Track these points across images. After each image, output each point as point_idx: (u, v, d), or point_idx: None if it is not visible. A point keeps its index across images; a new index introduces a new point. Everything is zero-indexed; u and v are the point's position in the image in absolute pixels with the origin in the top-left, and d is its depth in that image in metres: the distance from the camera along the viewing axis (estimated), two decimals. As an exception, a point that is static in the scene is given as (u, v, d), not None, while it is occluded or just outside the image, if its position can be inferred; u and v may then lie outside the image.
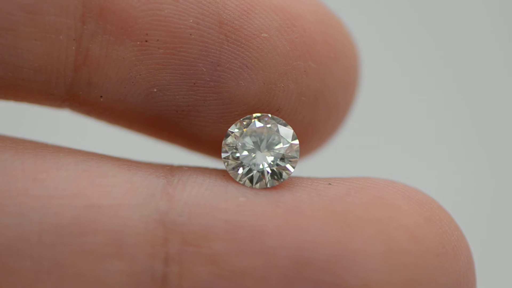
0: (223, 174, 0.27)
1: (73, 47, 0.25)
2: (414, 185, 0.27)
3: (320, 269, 0.24)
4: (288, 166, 0.27)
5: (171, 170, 0.27)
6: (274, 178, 0.27)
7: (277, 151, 0.27)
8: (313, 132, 0.28)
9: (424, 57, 0.72)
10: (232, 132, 0.27)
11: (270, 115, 0.27)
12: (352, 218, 0.25)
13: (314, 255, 0.24)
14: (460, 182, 0.68)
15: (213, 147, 0.28)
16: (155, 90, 0.26)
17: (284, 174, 0.27)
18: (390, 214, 0.25)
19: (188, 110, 0.27)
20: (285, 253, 0.24)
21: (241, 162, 0.27)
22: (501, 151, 0.69)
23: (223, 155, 0.27)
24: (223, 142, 0.27)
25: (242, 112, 0.27)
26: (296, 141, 0.27)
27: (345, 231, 0.25)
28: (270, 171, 0.27)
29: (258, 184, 0.27)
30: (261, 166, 0.27)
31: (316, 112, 0.27)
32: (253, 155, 0.27)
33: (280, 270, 0.24)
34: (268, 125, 0.27)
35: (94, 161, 0.26)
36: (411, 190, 0.27)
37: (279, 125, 0.27)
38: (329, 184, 0.27)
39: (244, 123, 0.27)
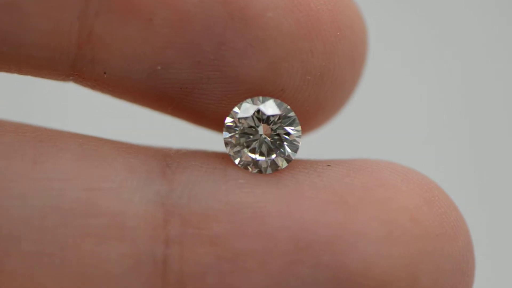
0: (222, 157, 0.27)
1: (77, 25, 0.25)
2: (413, 166, 0.27)
3: (321, 251, 0.24)
4: (290, 153, 0.27)
5: (170, 153, 0.27)
6: (274, 166, 0.27)
7: (279, 136, 0.27)
8: (318, 109, 0.28)
9: (433, 37, 0.72)
10: (235, 114, 0.27)
11: (274, 99, 0.27)
12: (352, 199, 0.25)
13: (315, 237, 0.24)
14: (459, 166, 0.68)
15: (217, 123, 0.28)
16: (159, 67, 0.26)
17: (284, 162, 0.27)
18: (390, 195, 0.25)
19: (192, 87, 0.27)
20: (285, 234, 0.25)
21: (242, 145, 0.27)
22: (500, 138, 0.69)
23: (224, 136, 0.27)
24: (224, 123, 0.27)
25: (246, 91, 0.27)
26: (299, 127, 0.27)
27: (345, 213, 0.25)
28: (270, 159, 0.27)
29: (257, 170, 0.27)
30: (262, 150, 0.27)
31: (322, 90, 0.27)
32: (255, 138, 0.27)
33: (280, 251, 0.24)
34: (271, 109, 0.27)
35: (93, 144, 0.26)
36: (410, 171, 0.27)
37: (281, 109, 0.27)
38: (329, 165, 0.27)
39: (247, 105, 0.27)
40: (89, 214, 0.24)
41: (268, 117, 0.27)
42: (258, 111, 0.27)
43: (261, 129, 0.27)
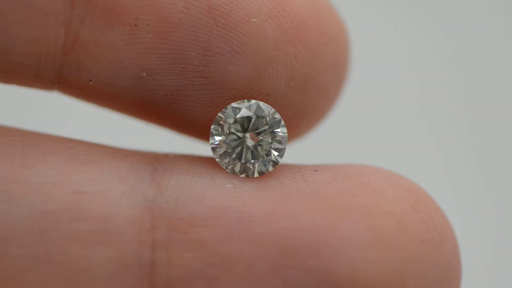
0: (209, 161, 0.27)
1: (62, 31, 0.25)
2: (400, 172, 0.27)
3: (308, 256, 0.24)
4: (276, 156, 0.27)
5: (157, 157, 0.27)
6: (261, 168, 0.27)
7: (265, 139, 0.27)
8: (302, 116, 0.28)
9: (418, 43, 0.72)
10: (220, 118, 0.27)
11: (259, 102, 0.27)
12: (339, 204, 0.25)
13: (301, 242, 0.25)
14: (448, 172, 0.68)
15: (202, 130, 0.28)
16: (144, 74, 0.26)
17: (271, 164, 0.27)
18: (376, 200, 0.25)
19: (177, 94, 0.27)
20: (272, 239, 0.25)
21: (229, 149, 0.27)
22: (493, 142, 0.69)
23: (211, 141, 0.27)
24: (211, 128, 0.27)
25: (231, 97, 0.27)
26: (285, 130, 0.27)
27: (332, 218, 0.25)
28: (257, 161, 0.27)
29: (244, 174, 0.27)
30: (248, 154, 0.27)
31: (305, 97, 0.27)
32: (241, 142, 0.27)
33: (267, 256, 0.24)
34: (256, 112, 0.27)
35: (81, 148, 0.26)
36: (397, 176, 0.27)
37: (267, 112, 0.27)
38: (316, 170, 0.27)
39: (232, 109, 0.27)
40: (76, 218, 0.24)
41: (254, 119, 0.27)
42: (244, 114, 0.27)
43: (247, 133, 0.27)
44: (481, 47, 0.72)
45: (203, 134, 0.28)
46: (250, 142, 0.27)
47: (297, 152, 0.31)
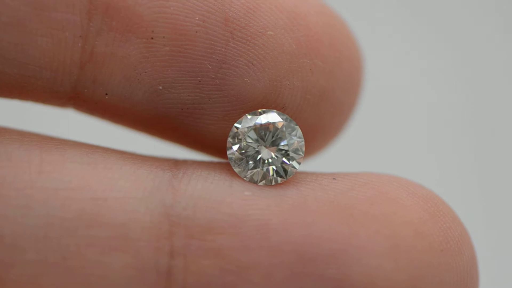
0: (228, 168, 0.27)
1: (79, 44, 0.26)
2: (417, 181, 0.27)
3: (325, 264, 0.24)
4: (294, 163, 0.27)
5: (176, 163, 0.27)
6: (279, 176, 0.27)
7: (283, 147, 0.27)
8: (317, 131, 0.28)
9: (426, 56, 0.72)
10: (238, 128, 0.27)
11: (275, 111, 0.27)
12: (357, 213, 0.25)
13: (319, 250, 0.24)
14: (463, 179, 0.68)
15: (218, 146, 0.28)
16: (161, 87, 0.26)
17: (289, 171, 0.27)
18: (394, 209, 0.25)
19: (193, 107, 0.27)
20: (290, 247, 0.25)
21: (246, 158, 0.27)
22: (505, 149, 0.69)
23: (228, 151, 0.27)
24: (228, 138, 0.27)
25: (247, 109, 0.27)
26: (301, 138, 0.27)
27: (350, 226, 0.25)
28: (275, 168, 0.27)
29: (263, 182, 0.27)
30: (266, 163, 0.27)
31: (320, 111, 0.27)
32: (258, 151, 0.27)
33: (285, 264, 0.24)
34: (274, 121, 0.27)
35: (99, 154, 0.26)
36: (415, 185, 0.27)
37: (285, 122, 0.27)
38: (334, 179, 0.27)
39: (250, 118, 0.27)
40: (94, 224, 0.24)
41: (271, 128, 0.27)
42: (260, 123, 0.27)
43: (264, 141, 0.27)
44: (495, 58, 0.72)
45: (219, 150, 0.28)
46: (267, 151, 0.27)
47: (315, 160, 0.31)
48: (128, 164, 0.26)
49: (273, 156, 0.27)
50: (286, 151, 0.27)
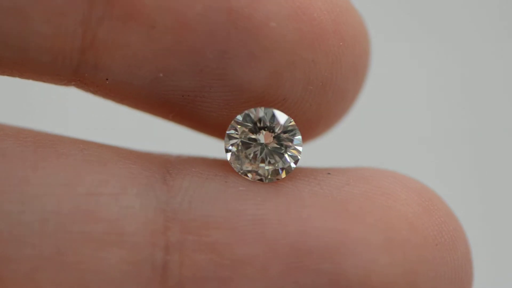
0: (222, 164, 0.27)
1: (80, 31, 0.25)
2: (413, 175, 0.27)
3: (320, 258, 0.24)
4: (290, 162, 0.27)
5: (170, 159, 0.27)
6: (275, 174, 0.27)
7: (279, 146, 0.27)
8: (319, 119, 0.28)
9: (434, 46, 0.72)
10: (235, 123, 0.27)
11: (274, 109, 0.27)
12: (352, 207, 0.25)
13: (315, 244, 0.25)
14: (460, 174, 0.68)
15: (219, 130, 0.28)
16: (161, 75, 0.26)
17: (285, 170, 0.27)
18: (389, 203, 0.25)
19: (194, 95, 0.27)
20: (285, 241, 0.25)
21: (243, 154, 0.27)
22: (503, 145, 0.69)
23: (226, 144, 0.27)
24: (226, 133, 0.27)
25: (248, 99, 0.27)
26: (299, 138, 0.27)
27: (345, 220, 0.25)
28: (270, 166, 0.27)
29: (257, 178, 0.27)
30: (262, 159, 0.27)
31: (323, 100, 0.27)
32: (255, 147, 0.27)
33: (280, 258, 0.25)
34: (272, 119, 0.27)
35: (94, 150, 0.26)
36: (409, 180, 0.27)
37: (282, 120, 0.27)
38: (329, 174, 0.27)
39: (248, 115, 0.27)
40: (89, 219, 0.24)
41: (270, 127, 0.27)
42: (260, 121, 0.27)
43: (262, 138, 0.27)
44: (496, 62, 0.72)
45: (219, 133, 0.28)
46: (264, 148, 0.27)
47: (310, 155, 0.31)
48: (123, 160, 0.26)
49: (270, 153, 0.27)
50: (284, 149, 0.27)
